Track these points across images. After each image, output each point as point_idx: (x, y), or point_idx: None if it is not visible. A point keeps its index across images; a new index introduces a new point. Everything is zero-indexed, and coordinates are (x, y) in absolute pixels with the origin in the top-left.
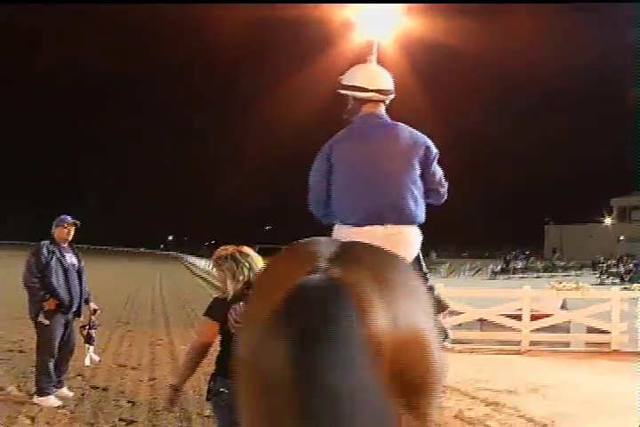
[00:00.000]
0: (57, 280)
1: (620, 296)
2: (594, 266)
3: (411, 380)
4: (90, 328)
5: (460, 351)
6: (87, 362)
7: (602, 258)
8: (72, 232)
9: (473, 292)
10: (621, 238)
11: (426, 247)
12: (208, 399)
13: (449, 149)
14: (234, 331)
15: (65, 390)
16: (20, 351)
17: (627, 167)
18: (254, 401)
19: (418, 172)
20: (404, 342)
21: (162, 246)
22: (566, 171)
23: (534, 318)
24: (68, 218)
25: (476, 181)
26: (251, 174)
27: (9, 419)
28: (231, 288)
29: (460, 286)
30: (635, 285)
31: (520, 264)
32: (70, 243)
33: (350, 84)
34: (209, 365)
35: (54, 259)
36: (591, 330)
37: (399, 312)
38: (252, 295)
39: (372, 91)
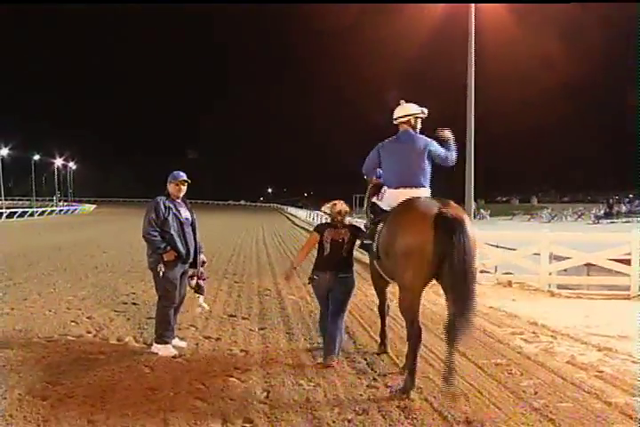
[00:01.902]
0: (174, 233)
1: None
2: None
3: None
4: (199, 279)
5: (568, 297)
6: (198, 311)
7: None
8: (184, 189)
9: (579, 236)
10: None
11: (526, 193)
12: (309, 283)
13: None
14: (326, 242)
15: (177, 340)
16: (134, 304)
17: None
18: (418, 256)
19: (427, 161)
20: (474, 241)
21: (262, 198)
22: None
23: None
24: (182, 175)
25: (578, 126)
26: (353, 131)
27: (128, 368)
28: (328, 220)
29: (565, 231)
30: None
31: (624, 208)
32: (183, 197)
33: (393, 118)
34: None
35: (171, 214)
36: None
37: (473, 229)
38: (401, 223)
39: (399, 118)
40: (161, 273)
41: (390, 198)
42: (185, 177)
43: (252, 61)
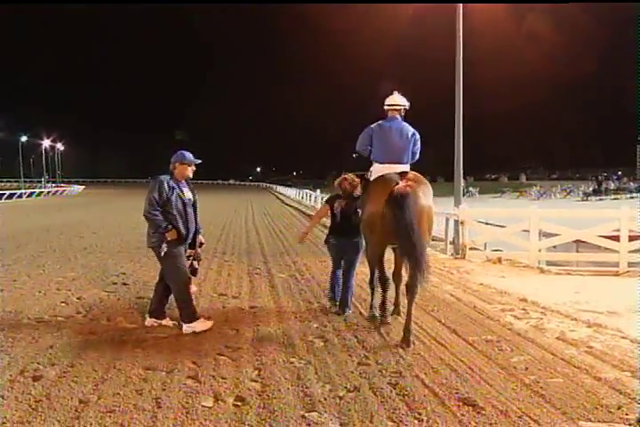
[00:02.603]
0: (177, 214)
1: None
2: None
3: (429, 224)
4: (194, 260)
5: (557, 273)
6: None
7: None
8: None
9: (568, 213)
10: None
11: (515, 170)
12: (325, 244)
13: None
14: (336, 211)
15: (168, 320)
16: (124, 284)
17: None
18: (376, 224)
19: (411, 144)
20: (427, 208)
21: (251, 178)
22: None
23: (632, 238)
24: (192, 157)
25: (566, 103)
26: (337, 107)
27: (119, 348)
28: (338, 193)
29: (553, 208)
30: None
31: (612, 185)
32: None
33: (385, 104)
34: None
35: (175, 194)
36: None
37: (426, 199)
38: (370, 195)
39: (390, 106)
40: (162, 253)
41: (376, 171)
42: (196, 160)
43: (239, 43)
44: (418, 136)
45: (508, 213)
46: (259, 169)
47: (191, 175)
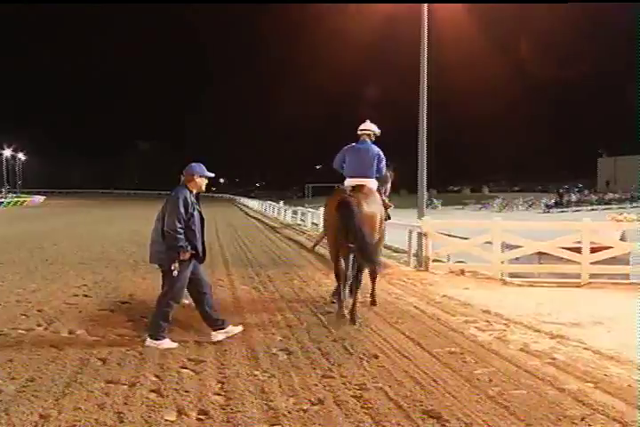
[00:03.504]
0: (197, 230)
1: None
2: None
3: (371, 226)
4: None
5: (520, 285)
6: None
7: None
8: None
9: (530, 225)
10: None
11: (478, 182)
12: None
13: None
14: None
15: (232, 326)
16: (85, 296)
17: None
18: (330, 227)
19: (375, 162)
20: (370, 215)
21: (214, 189)
22: (618, 102)
23: (594, 250)
24: (205, 169)
25: (529, 117)
26: (299, 115)
27: (81, 361)
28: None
29: (516, 220)
30: None
31: (574, 197)
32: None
33: (358, 129)
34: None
35: (195, 209)
36: None
37: (369, 207)
38: (327, 204)
39: (362, 131)
40: (175, 272)
41: (346, 184)
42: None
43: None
44: (382, 156)
45: (471, 225)
46: (222, 180)
47: (204, 188)
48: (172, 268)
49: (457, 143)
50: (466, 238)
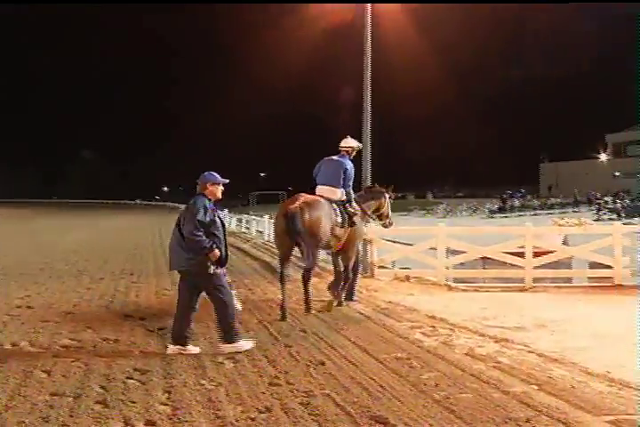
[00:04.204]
0: (220, 237)
1: (621, 231)
2: (590, 202)
3: (312, 231)
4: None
5: (465, 290)
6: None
7: (598, 194)
8: None
9: (474, 230)
10: (617, 174)
11: (422, 188)
12: None
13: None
14: None
15: (192, 347)
16: (29, 307)
17: (622, 103)
18: (276, 231)
19: (341, 174)
20: (308, 221)
21: (157, 197)
22: (561, 108)
23: (537, 254)
24: (218, 176)
25: (472, 122)
26: (244, 124)
27: (24, 373)
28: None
29: (460, 226)
30: (635, 219)
31: (517, 202)
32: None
33: (340, 146)
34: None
35: (215, 216)
36: (594, 265)
37: (312, 215)
38: (278, 211)
39: (342, 147)
40: (212, 271)
41: (317, 191)
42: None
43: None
44: (350, 171)
45: (416, 231)
46: (165, 188)
47: (220, 196)
48: (209, 270)
49: (400, 150)
50: (410, 245)
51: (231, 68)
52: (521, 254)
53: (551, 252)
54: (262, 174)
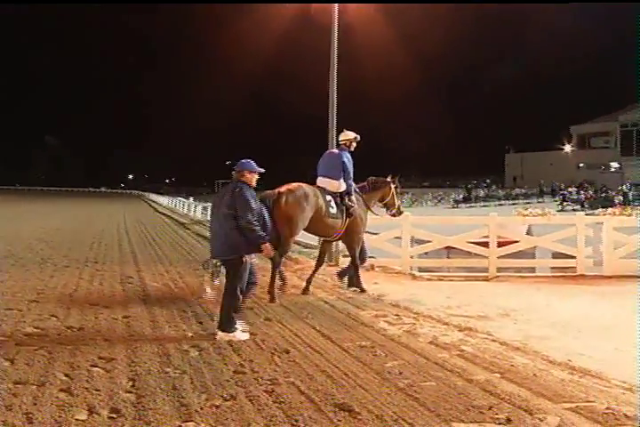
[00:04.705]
0: (267, 221)
1: (584, 221)
2: (554, 193)
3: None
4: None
5: (429, 279)
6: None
7: (562, 185)
8: None
9: (439, 220)
10: (581, 165)
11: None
12: None
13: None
14: None
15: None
16: None
17: (587, 95)
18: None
19: (339, 166)
20: (289, 208)
21: (123, 185)
22: (526, 99)
23: (501, 244)
24: (255, 165)
25: (436, 112)
26: (209, 112)
27: None
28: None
29: (425, 215)
30: (599, 210)
31: (482, 193)
32: None
33: (339, 140)
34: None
35: (258, 203)
36: (557, 255)
37: (289, 201)
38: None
39: (341, 141)
40: (252, 260)
41: (317, 182)
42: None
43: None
44: (347, 163)
45: (381, 221)
46: (131, 176)
47: (255, 184)
48: (252, 258)
49: (365, 139)
50: (375, 233)
51: (201, 55)
52: (485, 244)
53: (515, 242)
54: (228, 162)
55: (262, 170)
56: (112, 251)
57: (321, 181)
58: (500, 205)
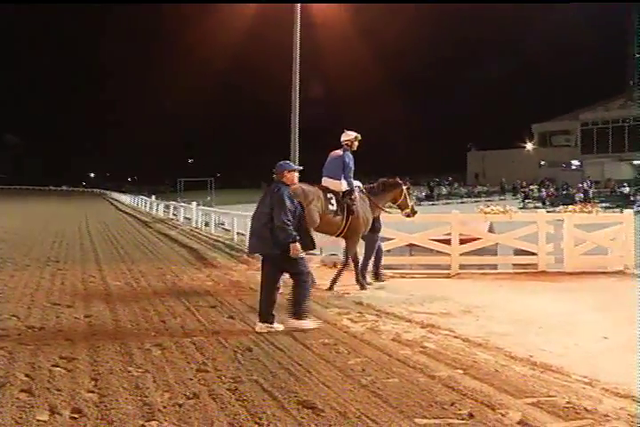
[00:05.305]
0: (296, 221)
1: (545, 218)
2: (515, 191)
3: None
4: None
5: (392, 277)
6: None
7: (524, 183)
8: None
9: (402, 217)
10: (542, 163)
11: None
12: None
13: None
14: None
15: (279, 325)
16: None
17: (548, 94)
18: None
19: (341, 166)
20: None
21: (84, 184)
22: (488, 97)
23: (463, 241)
24: (292, 164)
25: (399, 110)
26: (172, 110)
27: None
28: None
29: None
30: (560, 207)
31: (444, 190)
32: None
33: (341, 140)
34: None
35: (295, 203)
36: (518, 252)
37: (309, 198)
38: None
39: (342, 141)
40: (301, 254)
41: (323, 182)
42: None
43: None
44: (348, 162)
45: None
46: (92, 175)
47: (296, 181)
48: (301, 253)
49: (323, 135)
50: (391, 239)
51: (158, 54)
52: (447, 241)
53: (477, 239)
54: (190, 160)
55: (300, 168)
56: (74, 250)
57: (325, 181)
58: (463, 202)
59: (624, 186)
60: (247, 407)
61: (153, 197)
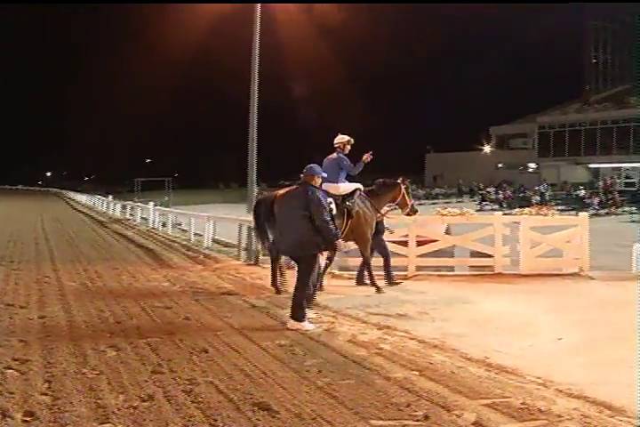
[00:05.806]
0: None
1: (502, 221)
2: (472, 193)
3: None
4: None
5: (349, 278)
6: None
7: (481, 185)
8: None
9: None
10: (500, 166)
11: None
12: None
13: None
14: None
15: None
16: None
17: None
18: None
19: (339, 170)
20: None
21: (40, 182)
22: (447, 100)
23: (420, 243)
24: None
25: (357, 111)
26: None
27: None
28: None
29: None
30: (516, 209)
31: None
32: None
33: (334, 142)
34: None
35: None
36: (475, 254)
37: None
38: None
39: (335, 144)
40: (345, 248)
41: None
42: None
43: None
44: (344, 165)
45: None
46: (49, 174)
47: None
48: (345, 246)
49: (286, 138)
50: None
51: (117, 54)
52: (405, 243)
53: (434, 241)
54: (148, 160)
55: (325, 174)
56: (28, 249)
57: (325, 185)
58: (420, 204)
59: (580, 189)
60: (202, 409)
61: (110, 196)
